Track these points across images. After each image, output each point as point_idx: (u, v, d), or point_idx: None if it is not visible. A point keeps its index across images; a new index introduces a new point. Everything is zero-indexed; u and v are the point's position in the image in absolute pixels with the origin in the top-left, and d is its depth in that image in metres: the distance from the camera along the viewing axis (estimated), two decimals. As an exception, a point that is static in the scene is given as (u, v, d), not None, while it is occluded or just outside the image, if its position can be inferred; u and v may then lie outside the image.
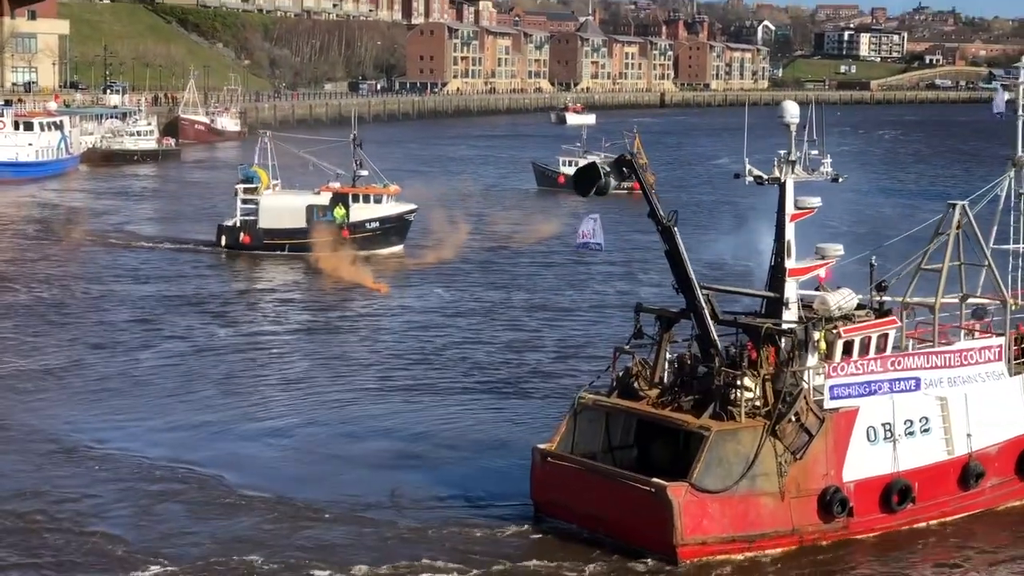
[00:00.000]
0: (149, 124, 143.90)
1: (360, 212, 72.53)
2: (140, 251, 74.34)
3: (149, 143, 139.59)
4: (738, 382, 28.66)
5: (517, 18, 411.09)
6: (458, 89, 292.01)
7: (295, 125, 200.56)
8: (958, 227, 32.71)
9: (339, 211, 72.12)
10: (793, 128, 30.69)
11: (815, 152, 31.35)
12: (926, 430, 30.47)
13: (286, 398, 43.04)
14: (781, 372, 28.85)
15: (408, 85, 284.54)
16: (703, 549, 27.95)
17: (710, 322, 29.67)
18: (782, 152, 30.76)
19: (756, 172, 31.14)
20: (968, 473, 31.16)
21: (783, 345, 29.36)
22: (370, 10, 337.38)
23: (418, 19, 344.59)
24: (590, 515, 29.28)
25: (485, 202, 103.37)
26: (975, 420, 31.24)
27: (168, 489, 33.43)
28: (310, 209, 72.22)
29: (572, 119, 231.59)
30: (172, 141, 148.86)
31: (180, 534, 30.39)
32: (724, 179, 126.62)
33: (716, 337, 29.74)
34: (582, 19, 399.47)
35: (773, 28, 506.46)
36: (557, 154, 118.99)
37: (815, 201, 30.96)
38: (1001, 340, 32.54)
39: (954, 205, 33.01)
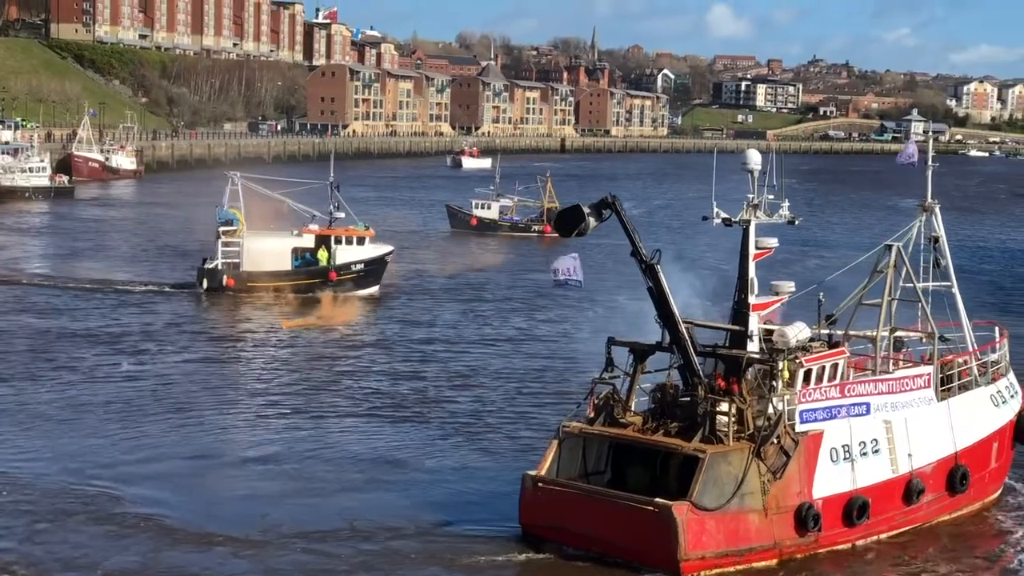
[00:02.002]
0: (42, 161, 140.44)
1: (344, 254, 72.69)
2: (114, 295, 70.89)
3: (41, 180, 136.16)
4: (721, 408, 30.81)
5: (419, 61, 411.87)
6: (356, 131, 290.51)
7: (193, 164, 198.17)
8: (894, 266, 35.14)
9: (322, 253, 72.25)
10: (756, 174, 32.96)
11: (772, 196, 33.51)
12: (876, 451, 33.09)
13: (258, 428, 43.52)
14: (764, 398, 31.16)
15: (308, 126, 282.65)
16: (702, 563, 29.87)
17: (693, 353, 31.54)
18: (750, 196, 32.94)
19: (724, 215, 33.28)
20: (911, 490, 33.70)
21: (751, 375, 31.64)
22: (271, 50, 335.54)
23: (319, 60, 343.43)
24: (588, 536, 30.85)
25: (404, 240, 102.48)
26: (914, 441, 33.83)
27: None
28: (295, 251, 72.00)
29: (468, 163, 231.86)
30: (66, 179, 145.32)
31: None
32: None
33: (699, 367, 31.58)
34: (484, 64, 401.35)
35: (672, 77, 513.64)
36: (469, 197, 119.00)
37: (772, 242, 33.41)
38: (930, 368, 35.17)
39: (890, 246, 35.53)
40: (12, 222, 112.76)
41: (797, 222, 33.99)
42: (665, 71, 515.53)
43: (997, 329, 38.99)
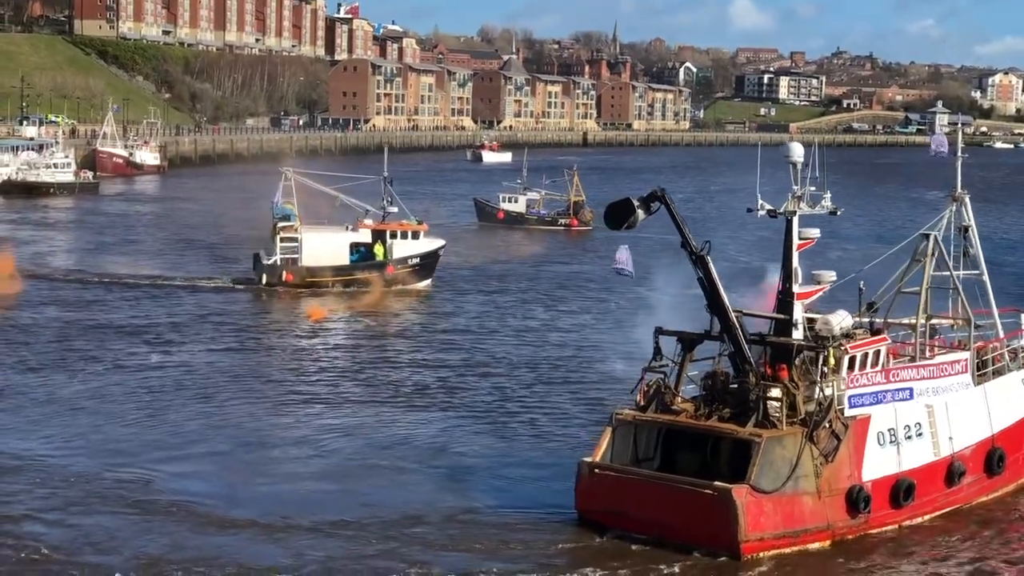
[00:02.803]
0: (66, 156, 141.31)
1: (400, 248, 73.44)
2: (180, 291, 71.21)
3: (66, 176, 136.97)
4: (772, 394, 31.61)
5: (441, 56, 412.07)
6: (376, 126, 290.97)
7: (216, 160, 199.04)
8: (932, 255, 36.04)
9: (379, 248, 73.00)
10: (799, 166, 33.81)
11: (813, 188, 34.30)
12: (920, 434, 33.89)
13: (291, 417, 44.20)
14: (815, 384, 31.92)
15: (331, 121, 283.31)
16: (761, 544, 30.65)
17: (744, 341, 32.33)
18: (798, 190, 33.80)
19: (768, 207, 34.11)
20: (952, 472, 34.50)
21: (800, 361, 32.33)
22: (293, 45, 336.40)
23: (341, 55, 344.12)
24: (646, 520, 31.40)
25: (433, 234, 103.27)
26: (954, 425, 34.75)
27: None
28: (353, 246, 72.67)
29: (488, 157, 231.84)
30: (90, 174, 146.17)
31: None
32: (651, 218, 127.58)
33: (749, 354, 32.31)
34: (506, 58, 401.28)
35: (695, 70, 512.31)
36: (490, 190, 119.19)
37: (815, 232, 34.11)
38: (967, 354, 36.01)
39: (928, 235, 36.34)
40: (39, 217, 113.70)
41: (839, 212, 34.81)
42: (687, 64, 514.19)
43: (1023, 316, 39.94)
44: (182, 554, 30.53)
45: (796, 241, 33.76)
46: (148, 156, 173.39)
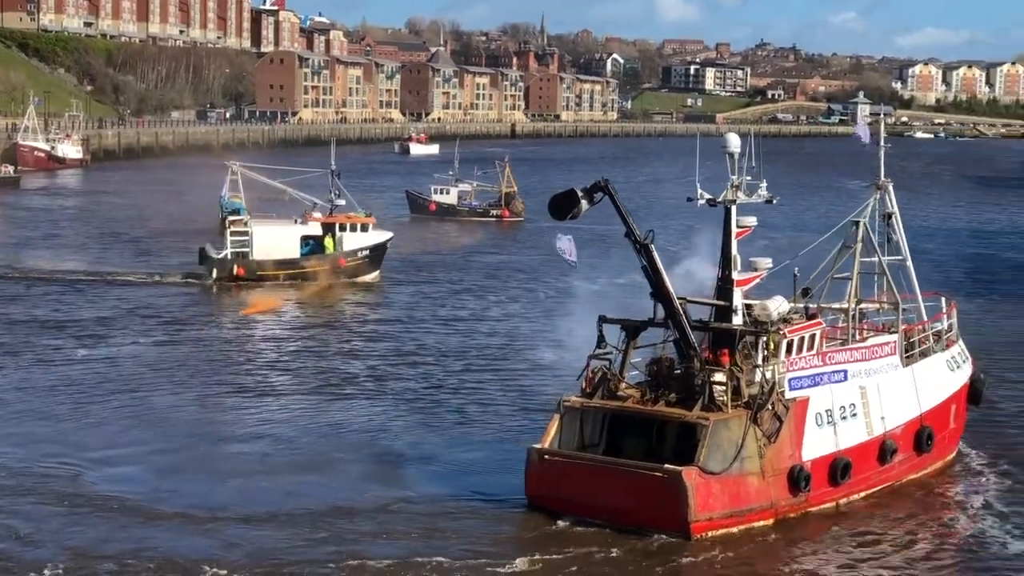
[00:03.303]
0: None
1: (350, 241, 73.40)
2: (121, 287, 69.81)
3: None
4: (716, 378, 32.46)
5: (368, 48, 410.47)
6: (303, 118, 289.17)
7: (141, 153, 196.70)
8: (862, 241, 37.07)
9: (328, 241, 72.78)
10: (736, 156, 34.57)
11: (749, 178, 35.12)
12: (854, 414, 34.88)
13: (241, 407, 44.29)
14: (758, 368, 32.90)
15: (258, 114, 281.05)
16: (710, 524, 31.46)
17: (689, 328, 33.07)
18: (735, 179, 34.61)
19: (707, 196, 34.84)
20: (885, 450, 35.53)
21: (741, 346, 33.26)
22: (218, 37, 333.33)
23: (267, 47, 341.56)
24: (596, 505, 31.99)
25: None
26: (885, 405, 35.74)
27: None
28: (304, 239, 72.43)
29: (416, 149, 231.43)
30: (11, 168, 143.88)
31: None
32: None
33: (694, 340, 33.01)
34: (433, 50, 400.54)
35: (622, 61, 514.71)
36: (419, 182, 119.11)
37: (752, 221, 34.95)
38: (896, 337, 36.97)
39: (857, 223, 37.34)
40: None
41: (775, 201, 35.61)
42: (615, 56, 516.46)
43: (944, 300, 41.10)
44: (111, 547, 30.39)
45: (735, 229, 34.46)
46: (70, 150, 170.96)
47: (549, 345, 55.60)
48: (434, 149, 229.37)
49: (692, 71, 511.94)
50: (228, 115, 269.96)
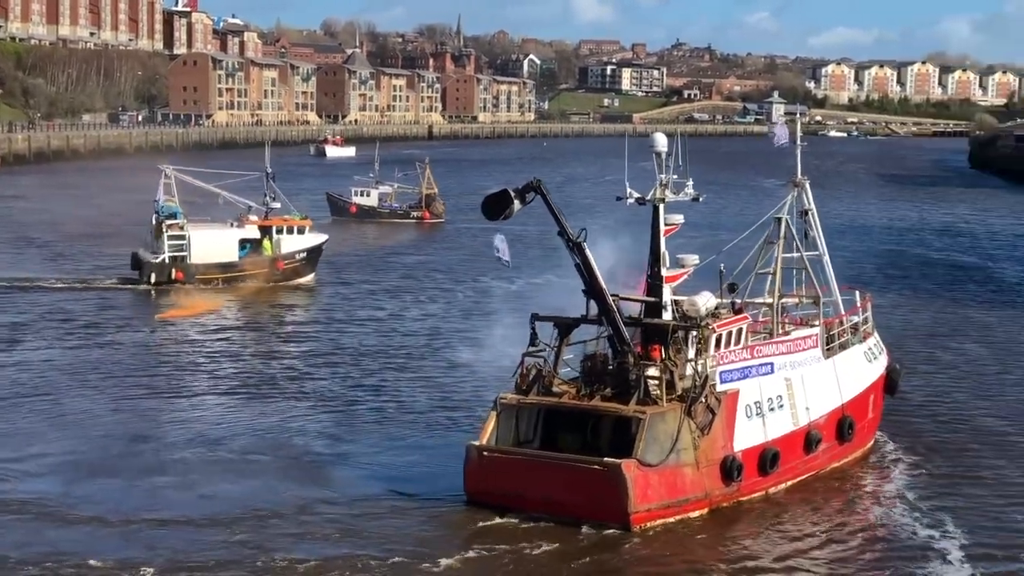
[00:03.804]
0: None
1: (288, 244, 73.47)
2: (50, 293, 68.51)
3: None
4: (649, 372, 32.97)
5: (283, 49, 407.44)
6: (217, 121, 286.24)
7: (51, 157, 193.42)
8: (784, 237, 38.11)
9: (266, 243, 72.70)
10: (663, 156, 35.20)
11: (675, 176, 35.74)
12: (781, 406, 35.72)
13: (156, 410, 43.91)
14: (691, 362, 33.65)
15: (171, 116, 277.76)
16: (648, 515, 32.12)
17: (622, 323, 33.56)
18: (662, 178, 35.22)
19: (636, 194, 35.43)
20: (810, 440, 36.41)
21: (672, 340, 33.81)
22: (130, 39, 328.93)
23: (180, 49, 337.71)
24: (537, 499, 32.37)
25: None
26: (810, 396, 36.65)
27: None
28: (241, 242, 72.34)
29: (332, 152, 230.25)
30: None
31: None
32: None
33: (627, 336, 33.45)
34: (349, 51, 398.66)
35: (539, 62, 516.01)
36: (335, 185, 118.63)
37: (679, 218, 35.58)
38: (817, 330, 37.93)
39: (779, 219, 38.28)
40: None
41: (701, 199, 36.51)
42: (531, 56, 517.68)
43: (858, 294, 42.19)
44: (27, 551, 29.98)
45: (663, 227, 35.06)
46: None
47: (465, 344, 55.75)
48: (350, 151, 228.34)
49: (609, 71, 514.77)
50: (141, 118, 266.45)
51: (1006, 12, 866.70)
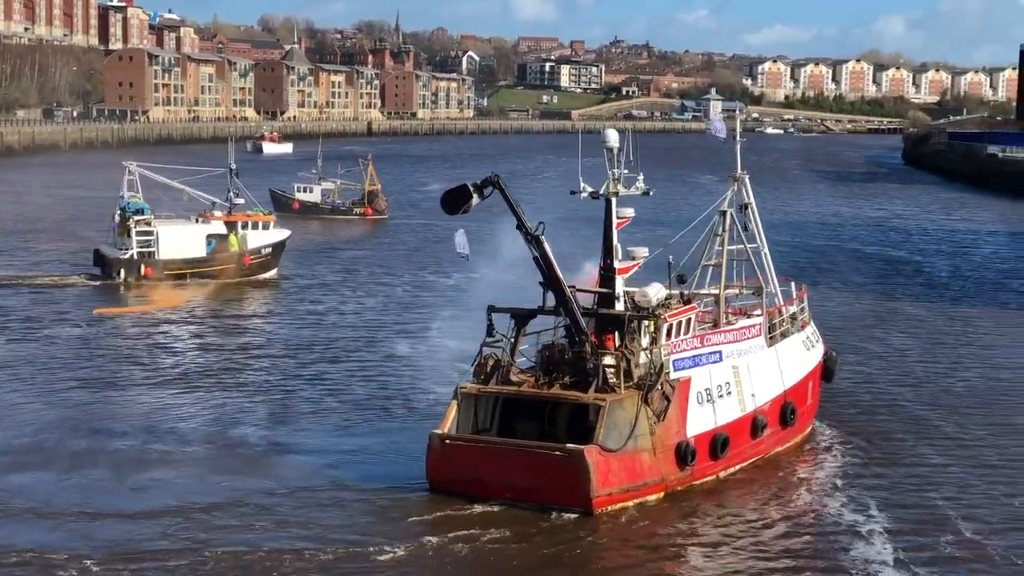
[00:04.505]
0: None
1: (253, 239, 74.06)
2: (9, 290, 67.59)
3: None
4: (607, 361, 33.96)
5: (221, 45, 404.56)
6: (152, 118, 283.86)
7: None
8: (728, 230, 39.33)
9: (232, 239, 73.04)
10: (615, 151, 36.01)
11: (626, 171, 36.53)
12: (729, 392, 36.84)
13: (113, 402, 43.97)
14: (646, 351, 34.54)
15: (107, 112, 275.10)
16: (609, 499, 32.97)
17: (579, 314, 34.37)
18: (614, 173, 36.06)
19: (589, 189, 36.21)
20: (756, 425, 37.58)
21: (629, 329, 34.71)
22: (64, 35, 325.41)
23: (116, 45, 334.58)
24: (500, 485, 33.02)
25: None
26: (755, 383, 37.83)
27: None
28: (209, 238, 72.71)
29: (269, 148, 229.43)
30: None
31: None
32: (432, 202, 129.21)
33: (585, 326, 34.36)
34: (287, 47, 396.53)
35: (477, 59, 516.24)
36: (281, 181, 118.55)
37: (630, 212, 36.44)
38: (761, 319, 39.12)
39: (724, 213, 39.44)
40: None
41: (651, 193, 37.38)
42: (470, 53, 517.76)
43: (794, 284, 43.63)
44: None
45: (615, 220, 35.89)
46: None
47: (403, 337, 56.07)
48: (288, 148, 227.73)
49: (547, 68, 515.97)
50: (76, 114, 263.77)
51: (940, 10, 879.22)
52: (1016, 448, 40.25)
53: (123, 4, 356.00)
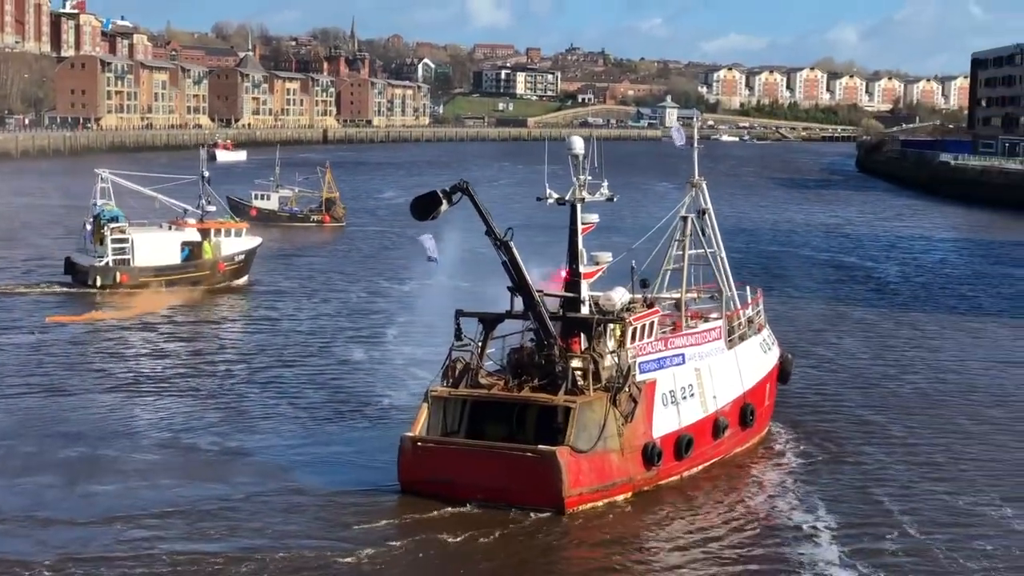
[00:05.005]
0: None
1: (227, 246, 74.46)
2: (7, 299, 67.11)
3: None
4: (574, 364, 34.62)
5: (174, 52, 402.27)
6: (105, 125, 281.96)
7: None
8: (690, 235, 40.27)
9: (206, 246, 73.27)
10: (580, 158, 36.67)
11: (589, 178, 37.20)
12: (692, 394, 37.60)
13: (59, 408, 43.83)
14: (612, 354, 35.20)
15: (59, 120, 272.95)
16: (580, 499, 33.67)
17: (548, 318, 35.04)
18: (580, 179, 36.59)
19: (555, 195, 36.94)
20: (718, 426, 38.37)
21: (596, 333, 35.35)
22: (16, 41, 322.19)
23: (68, 51, 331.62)
24: (472, 486, 33.57)
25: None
26: (716, 384, 38.61)
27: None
28: (183, 245, 72.98)
29: (222, 156, 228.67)
30: None
31: None
32: (388, 210, 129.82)
33: (553, 329, 35.01)
34: (242, 55, 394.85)
35: (433, 66, 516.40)
36: (235, 189, 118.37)
37: (594, 217, 37.05)
38: (721, 322, 40.05)
39: (686, 218, 40.40)
40: None
41: (615, 199, 37.96)
42: (426, 60, 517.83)
43: (749, 289, 44.33)
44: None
45: (580, 225, 36.51)
46: None
47: (357, 343, 56.18)
48: (242, 156, 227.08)
49: (503, 76, 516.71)
50: (27, 121, 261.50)
51: (894, 19, 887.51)
52: (959, 448, 41.21)
53: (76, 11, 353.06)
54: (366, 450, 38.40)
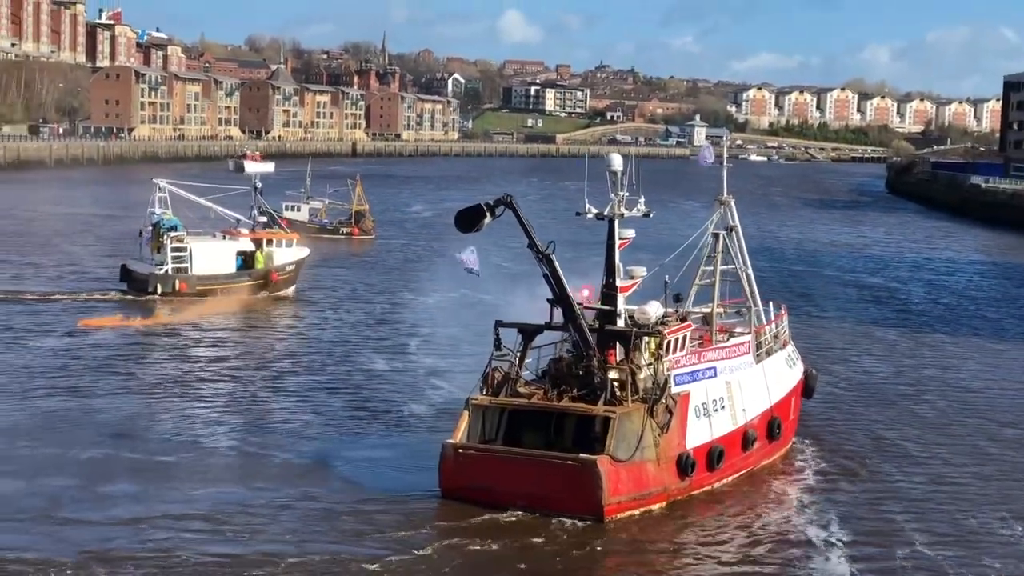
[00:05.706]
0: None
1: (279, 256, 76.04)
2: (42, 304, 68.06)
3: None
4: (612, 375, 35.39)
5: (207, 64, 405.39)
6: (138, 135, 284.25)
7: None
8: (721, 252, 41.32)
9: (260, 255, 74.94)
10: (619, 175, 37.54)
11: (627, 194, 38.00)
12: (723, 407, 38.45)
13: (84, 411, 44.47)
14: (649, 366, 36.06)
15: (93, 129, 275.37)
16: (619, 507, 34.36)
17: (587, 330, 35.84)
18: (618, 195, 37.45)
19: (595, 210, 37.93)
20: (747, 438, 39.23)
21: (634, 345, 36.17)
22: (52, 51, 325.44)
23: (103, 62, 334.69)
24: (512, 493, 34.26)
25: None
26: (746, 398, 39.47)
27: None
28: (239, 255, 74.69)
29: (250, 167, 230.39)
30: None
31: None
32: (415, 223, 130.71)
33: (592, 341, 35.76)
34: (274, 67, 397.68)
35: (463, 81, 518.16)
36: (280, 200, 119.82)
37: (631, 233, 37.81)
38: (750, 337, 40.92)
39: (717, 235, 41.32)
40: None
41: (651, 215, 38.84)
42: (456, 75, 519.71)
43: (772, 304, 44.93)
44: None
45: (618, 240, 37.29)
46: None
47: (381, 354, 56.80)
48: (269, 167, 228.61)
49: (533, 92, 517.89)
50: (62, 130, 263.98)
51: (926, 41, 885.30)
52: (974, 467, 41.54)
53: (111, 22, 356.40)
54: (396, 456, 39.30)
